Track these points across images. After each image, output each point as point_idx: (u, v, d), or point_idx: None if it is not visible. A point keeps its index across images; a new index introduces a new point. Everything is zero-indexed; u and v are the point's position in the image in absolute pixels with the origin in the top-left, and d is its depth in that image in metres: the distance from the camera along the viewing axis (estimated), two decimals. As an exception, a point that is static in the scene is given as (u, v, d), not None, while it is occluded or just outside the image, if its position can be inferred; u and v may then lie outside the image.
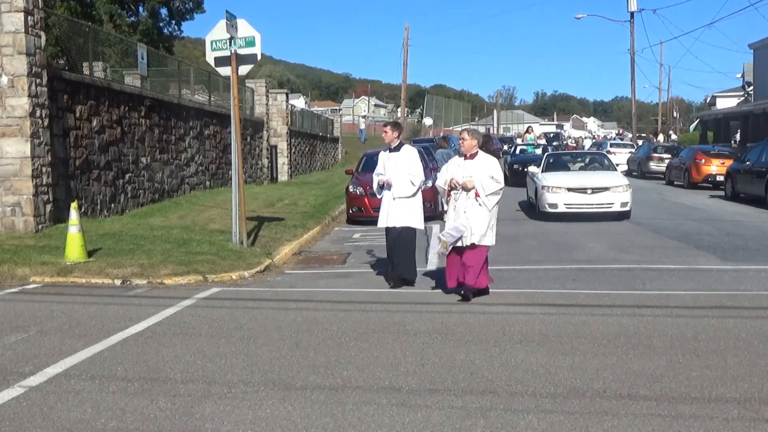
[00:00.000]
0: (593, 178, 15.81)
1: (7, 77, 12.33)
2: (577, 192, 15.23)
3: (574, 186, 15.31)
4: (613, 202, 15.08)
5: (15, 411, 4.75)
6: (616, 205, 15.09)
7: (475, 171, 8.12)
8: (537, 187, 16.03)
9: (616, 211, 15.09)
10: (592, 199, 15.14)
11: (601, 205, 15.08)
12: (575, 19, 49.28)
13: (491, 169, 8.15)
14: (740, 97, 52.86)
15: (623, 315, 7.19)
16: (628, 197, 15.22)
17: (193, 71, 23.70)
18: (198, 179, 21.15)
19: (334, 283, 9.58)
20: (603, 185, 15.24)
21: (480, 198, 8.01)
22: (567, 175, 16.27)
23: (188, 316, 7.52)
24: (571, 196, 15.20)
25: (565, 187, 15.25)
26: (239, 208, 11.73)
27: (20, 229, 12.40)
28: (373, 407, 4.70)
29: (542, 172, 16.80)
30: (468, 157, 8.32)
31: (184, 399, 4.91)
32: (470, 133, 8.43)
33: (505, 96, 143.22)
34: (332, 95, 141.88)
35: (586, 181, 15.58)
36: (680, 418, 4.41)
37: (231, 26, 11.25)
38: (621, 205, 15.11)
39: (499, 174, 8.15)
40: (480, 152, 8.40)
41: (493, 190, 8.06)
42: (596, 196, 15.13)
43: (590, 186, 15.27)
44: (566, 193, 15.19)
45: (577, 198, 15.19)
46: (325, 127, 43.37)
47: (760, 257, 10.51)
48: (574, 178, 15.86)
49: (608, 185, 15.27)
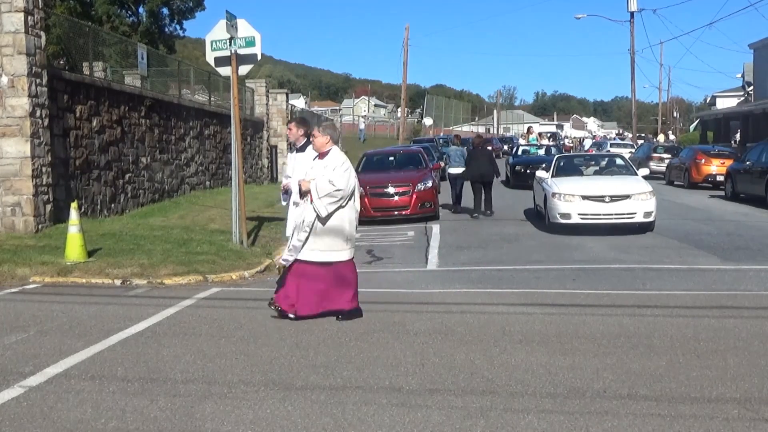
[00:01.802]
0: (611, 183, 13.91)
1: (7, 77, 12.33)
2: (594, 200, 13.19)
3: (590, 193, 13.31)
4: (635, 211, 13.05)
5: (15, 411, 4.75)
6: (639, 215, 13.06)
7: (319, 173, 7.10)
8: (546, 194, 14.14)
9: (638, 222, 13.14)
10: (611, 208, 13.13)
11: (621, 216, 13.08)
12: (575, 19, 49.34)
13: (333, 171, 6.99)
14: (740, 97, 52.89)
15: (623, 315, 7.19)
16: (653, 206, 13.21)
17: (193, 71, 23.72)
18: (198, 179, 21.15)
19: (334, 283, 9.55)
20: (623, 192, 13.25)
21: (314, 202, 6.96)
22: (581, 181, 14.28)
23: (188, 316, 7.52)
24: (586, 205, 13.19)
25: (580, 194, 13.29)
26: (239, 208, 11.73)
27: (20, 229, 12.40)
28: (373, 407, 4.70)
29: (552, 177, 14.84)
30: (319, 156, 7.25)
31: (184, 399, 4.91)
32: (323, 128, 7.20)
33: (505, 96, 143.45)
34: (332, 95, 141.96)
35: (603, 187, 13.59)
36: (680, 418, 4.41)
37: (231, 26, 11.26)
38: (644, 215, 13.08)
39: (339, 177, 6.95)
40: (333, 149, 7.21)
41: (327, 192, 6.94)
42: (616, 205, 13.12)
43: (608, 193, 13.24)
44: (580, 201, 13.21)
45: (593, 207, 13.17)
46: (325, 127, 43.31)
47: (760, 257, 10.51)
48: (590, 184, 13.86)
49: (629, 192, 13.25)
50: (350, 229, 7.15)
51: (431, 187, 16.23)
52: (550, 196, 13.84)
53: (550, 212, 13.74)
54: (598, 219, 13.15)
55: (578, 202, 13.24)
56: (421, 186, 15.90)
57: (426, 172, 17.08)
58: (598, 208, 13.18)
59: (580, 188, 13.55)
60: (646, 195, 13.25)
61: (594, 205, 13.19)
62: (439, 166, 20.94)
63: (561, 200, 13.39)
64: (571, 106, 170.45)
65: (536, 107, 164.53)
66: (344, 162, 7.15)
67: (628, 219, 13.09)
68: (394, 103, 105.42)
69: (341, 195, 6.99)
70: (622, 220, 13.10)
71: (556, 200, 13.50)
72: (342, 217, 7.07)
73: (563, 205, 13.35)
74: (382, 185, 16.06)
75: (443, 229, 14.49)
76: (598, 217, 13.15)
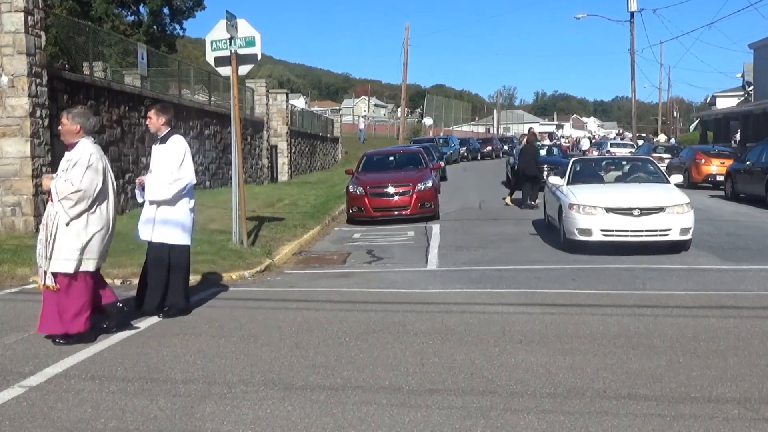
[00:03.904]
0: (641, 193, 11.53)
1: (7, 77, 12.34)
2: (620, 213, 10.84)
3: (616, 205, 10.94)
4: (670, 228, 10.73)
5: (15, 411, 4.75)
6: (674, 232, 10.74)
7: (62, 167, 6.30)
8: (562, 205, 11.77)
9: (673, 240, 10.87)
10: (641, 223, 10.77)
11: (653, 233, 10.79)
12: (575, 19, 49.28)
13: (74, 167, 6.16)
14: (740, 97, 52.92)
15: (623, 315, 7.18)
16: (690, 221, 10.90)
17: (193, 71, 23.72)
18: (198, 179, 21.08)
19: (334, 283, 9.57)
20: (655, 204, 10.94)
21: (55, 204, 6.14)
22: (603, 190, 11.99)
23: (188, 316, 7.51)
24: (610, 219, 10.85)
25: (603, 206, 10.93)
26: (239, 208, 11.74)
27: (20, 229, 12.40)
28: (373, 407, 4.70)
29: (568, 184, 12.53)
30: (67, 148, 6.42)
31: (184, 399, 4.91)
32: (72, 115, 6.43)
33: (505, 96, 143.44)
34: (332, 95, 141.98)
35: (631, 198, 11.15)
36: (680, 418, 4.41)
37: (231, 26, 11.26)
38: (680, 232, 10.78)
39: (77, 175, 6.11)
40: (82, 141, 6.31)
41: (66, 194, 6.07)
42: (646, 220, 10.78)
43: (638, 205, 10.86)
44: (603, 215, 10.87)
45: (619, 222, 10.81)
46: (325, 127, 43.39)
47: (760, 257, 10.51)
48: (615, 194, 11.50)
49: (663, 204, 10.94)
50: (81, 240, 6.13)
51: (431, 187, 16.24)
52: (566, 208, 11.44)
53: (567, 227, 11.37)
54: (625, 236, 10.83)
55: (601, 216, 10.89)
56: (421, 186, 15.91)
57: (426, 172, 17.09)
58: (626, 223, 10.79)
59: (604, 198, 11.18)
60: (682, 207, 10.93)
61: (620, 220, 10.82)
62: (439, 166, 20.98)
63: (580, 213, 11.08)
64: (571, 106, 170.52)
65: (536, 107, 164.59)
66: (91, 156, 6.21)
67: (662, 237, 10.81)
68: (394, 103, 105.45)
69: (79, 197, 6.08)
70: (653, 238, 10.83)
71: (573, 213, 11.17)
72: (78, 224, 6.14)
73: (583, 219, 11.00)
74: (382, 185, 16.07)
75: (443, 229, 14.49)
76: (626, 234, 10.82)
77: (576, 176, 12.95)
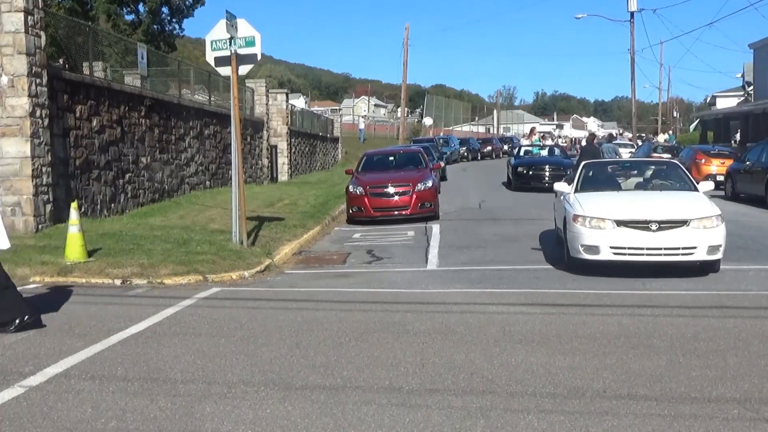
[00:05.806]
0: (660, 203, 9.76)
1: (7, 77, 12.34)
2: (634, 227, 9.07)
3: (628, 217, 9.18)
4: (695, 245, 8.94)
5: (15, 411, 4.75)
6: (701, 250, 8.95)
7: None
8: (567, 216, 9.96)
9: (700, 260, 9.13)
10: (659, 239, 8.98)
11: (674, 252, 9.01)
12: (575, 19, 49.31)
13: None
14: (740, 97, 52.92)
15: (623, 315, 7.19)
16: (721, 237, 9.07)
17: (193, 71, 23.70)
18: (198, 179, 21.15)
19: (334, 283, 9.58)
20: (677, 216, 9.15)
21: None
22: (615, 198, 10.14)
23: (188, 316, 7.52)
24: (622, 234, 9.08)
25: (613, 218, 9.19)
26: (239, 207, 11.74)
27: (20, 229, 12.40)
28: (373, 407, 4.70)
29: (576, 191, 10.57)
30: None
31: (184, 399, 4.92)
32: None
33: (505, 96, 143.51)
34: (332, 95, 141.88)
35: (647, 208, 9.38)
36: (680, 418, 4.41)
37: (231, 26, 11.26)
38: (708, 250, 8.96)
39: None
40: None
41: None
42: (666, 236, 8.98)
43: (655, 217, 9.08)
44: (614, 228, 9.12)
45: (632, 238, 9.04)
46: (325, 127, 43.38)
47: (760, 257, 10.51)
48: (628, 204, 9.71)
49: (687, 216, 9.14)
50: None
51: (431, 187, 16.24)
52: (570, 220, 9.66)
53: (571, 243, 9.60)
54: (639, 255, 9.08)
55: (611, 230, 9.13)
56: (421, 186, 15.90)
57: (426, 172, 17.09)
58: (640, 239, 9.03)
59: (614, 209, 9.43)
60: (711, 221, 9.12)
61: (634, 235, 9.05)
62: (439, 166, 20.97)
63: (586, 226, 9.29)
64: (571, 106, 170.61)
65: (536, 107, 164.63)
66: None
67: (685, 256, 9.05)
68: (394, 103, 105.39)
69: None
70: (675, 258, 9.08)
71: (578, 226, 9.38)
72: None
73: (589, 233, 9.24)
74: (382, 185, 16.07)
75: (443, 229, 14.49)
76: (640, 253, 9.07)
77: (586, 182, 10.94)
